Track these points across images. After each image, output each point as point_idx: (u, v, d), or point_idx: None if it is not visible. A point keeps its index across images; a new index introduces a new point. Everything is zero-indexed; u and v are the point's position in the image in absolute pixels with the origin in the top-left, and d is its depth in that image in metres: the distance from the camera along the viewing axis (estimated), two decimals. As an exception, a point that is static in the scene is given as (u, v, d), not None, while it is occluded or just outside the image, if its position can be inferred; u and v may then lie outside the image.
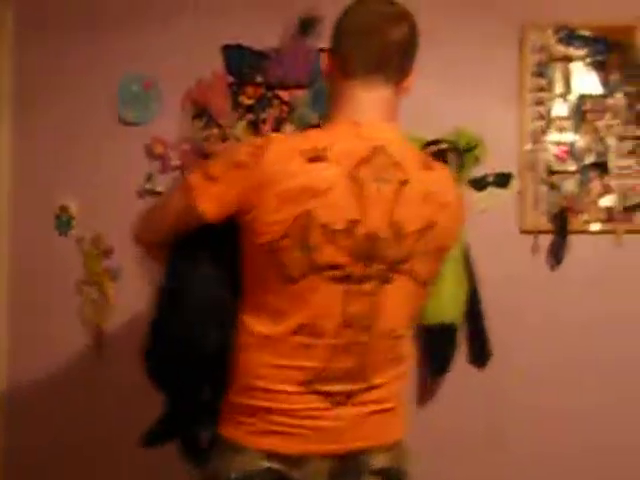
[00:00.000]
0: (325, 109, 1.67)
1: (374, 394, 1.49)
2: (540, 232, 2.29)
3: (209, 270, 1.56)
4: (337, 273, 1.41)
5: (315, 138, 1.46)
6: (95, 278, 2.50)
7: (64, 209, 2.55)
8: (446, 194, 1.51)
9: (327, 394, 1.48)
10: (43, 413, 2.55)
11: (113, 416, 2.40)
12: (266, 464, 1.50)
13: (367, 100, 1.53)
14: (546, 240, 2.29)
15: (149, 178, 2.37)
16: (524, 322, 2.30)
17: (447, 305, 2.24)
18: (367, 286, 1.43)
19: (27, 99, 2.60)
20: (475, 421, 2.31)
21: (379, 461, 1.52)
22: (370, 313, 1.45)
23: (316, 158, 1.42)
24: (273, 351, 1.50)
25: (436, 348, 2.32)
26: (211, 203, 1.46)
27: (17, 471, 2.56)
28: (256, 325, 1.51)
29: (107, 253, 2.47)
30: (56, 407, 2.54)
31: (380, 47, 1.52)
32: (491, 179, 2.33)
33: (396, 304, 1.47)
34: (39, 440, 2.54)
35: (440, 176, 1.54)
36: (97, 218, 2.50)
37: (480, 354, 2.31)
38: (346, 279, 1.43)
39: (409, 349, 1.57)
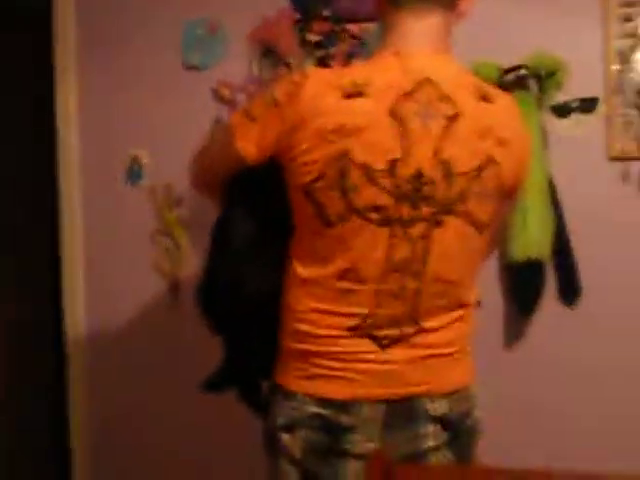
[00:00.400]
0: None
1: (428, 338, 1.47)
2: (631, 159, 2.22)
3: (258, 212, 1.55)
4: (380, 215, 1.37)
5: (355, 72, 1.42)
6: (168, 227, 2.54)
7: (135, 159, 2.58)
8: (507, 129, 1.44)
9: (375, 337, 1.46)
10: (121, 362, 2.63)
11: (189, 364, 2.43)
12: (314, 409, 1.50)
13: (415, 29, 1.47)
14: (637, 167, 2.23)
15: (217, 122, 2.38)
16: (615, 256, 2.24)
17: (533, 239, 2.21)
18: (415, 229, 1.38)
19: (91, 50, 2.64)
20: (566, 363, 2.29)
21: (438, 407, 1.50)
22: (419, 258, 1.40)
23: (354, 94, 1.37)
24: (317, 295, 1.49)
25: (523, 285, 2.29)
26: (250, 143, 1.44)
27: (96, 417, 2.68)
28: (300, 268, 1.50)
29: (178, 202, 2.50)
30: (133, 356, 2.62)
31: None
32: (576, 104, 2.29)
33: (450, 248, 1.42)
34: (116, 389, 2.64)
35: (501, 109, 1.47)
36: (168, 167, 2.52)
37: (570, 291, 2.27)
38: (391, 222, 1.38)
39: (471, 293, 1.53)
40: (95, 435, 2.67)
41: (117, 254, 2.62)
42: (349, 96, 1.35)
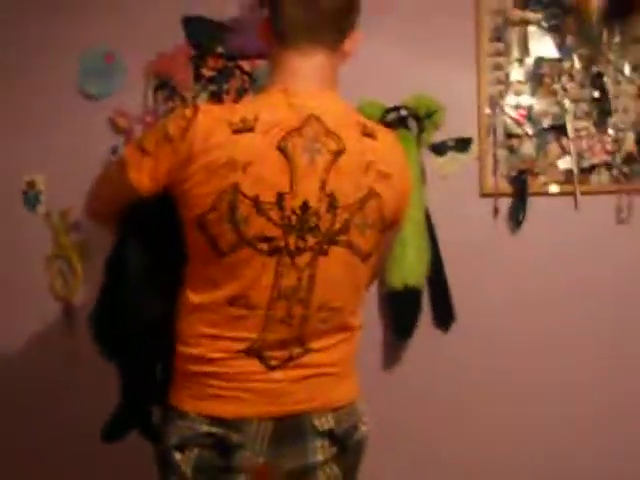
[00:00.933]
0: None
1: (313, 358, 1.51)
2: (500, 195, 2.30)
3: (151, 242, 1.58)
4: (269, 246, 1.42)
5: (244, 108, 1.46)
6: (64, 252, 2.54)
7: (31, 184, 2.58)
8: (389, 164, 1.49)
9: (263, 359, 1.51)
10: (16, 387, 2.64)
11: (83, 385, 2.47)
12: (205, 428, 1.54)
13: (302, 68, 1.51)
14: (506, 203, 2.31)
15: (114, 151, 2.40)
16: (486, 285, 2.33)
17: (410, 268, 2.28)
18: (301, 259, 1.43)
19: None
20: (439, 385, 2.37)
21: (325, 423, 1.54)
22: (305, 286, 1.45)
23: (243, 129, 1.41)
24: (208, 320, 1.52)
25: (400, 311, 2.35)
26: (143, 175, 1.47)
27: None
28: (192, 295, 1.53)
29: (75, 227, 2.51)
30: (28, 375, 2.63)
31: (313, 13, 1.50)
32: (451, 144, 2.35)
33: (334, 276, 1.46)
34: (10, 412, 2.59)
35: (384, 145, 1.52)
36: (64, 193, 2.52)
37: (444, 317, 2.35)
38: (279, 252, 1.42)
39: (355, 318, 1.58)
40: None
41: (13, 277, 2.62)
42: (238, 131, 1.38)
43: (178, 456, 1.54)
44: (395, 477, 2.20)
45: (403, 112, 2.33)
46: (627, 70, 2.19)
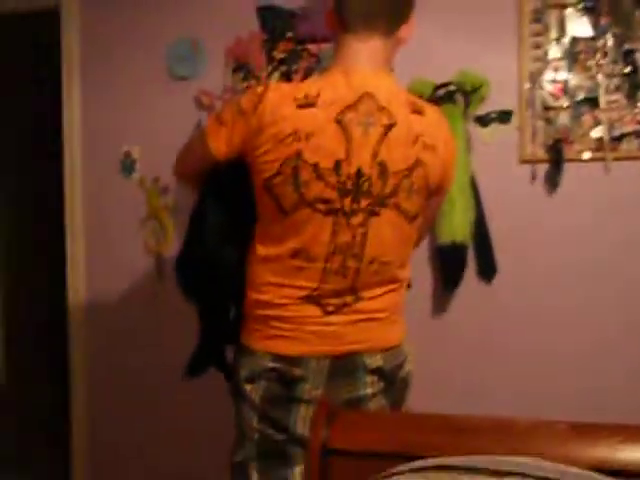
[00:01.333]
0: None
1: (364, 305, 1.63)
2: (538, 161, 2.40)
3: (227, 201, 1.72)
4: (326, 207, 1.53)
5: (308, 86, 1.57)
6: (156, 213, 2.76)
7: (127, 154, 2.81)
8: (434, 137, 1.59)
9: (320, 305, 1.62)
10: (114, 322, 2.95)
11: (171, 325, 2.71)
12: (270, 364, 1.65)
13: (361, 51, 1.61)
14: (543, 169, 2.42)
15: (198, 125, 2.58)
16: (525, 243, 2.45)
17: (457, 226, 2.40)
18: (355, 219, 1.55)
19: (93, 62, 2.89)
20: (482, 332, 2.53)
21: (374, 362, 1.66)
22: (359, 242, 1.56)
23: (307, 105, 1.52)
24: (274, 271, 1.64)
25: (448, 264, 2.48)
26: (220, 143, 1.60)
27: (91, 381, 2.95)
28: (261, 248, 1.64)
29: (164, 191, 2.73)
30: (125, 318, 2.92)
31: (372, 4, 1.62)
32: (494, 116, 2.46)
33: (384, 235, 1.58)
34: (110, 344, 2.92)
35: (430, 120, 1.60)
36: (156, 161, 2.74)
37: (487, 270, 2.48)
38: (335, 212, 1.53)
39: (403, 271, 1.70)
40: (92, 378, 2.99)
41: (112, 235, 2.87)
42: (302, 106, 1.49)
43: (248, 387, 1.67)
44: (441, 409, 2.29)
45: (451, 88, 2.44)
46: None
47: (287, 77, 2.57)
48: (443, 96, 2.45)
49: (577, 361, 2.39)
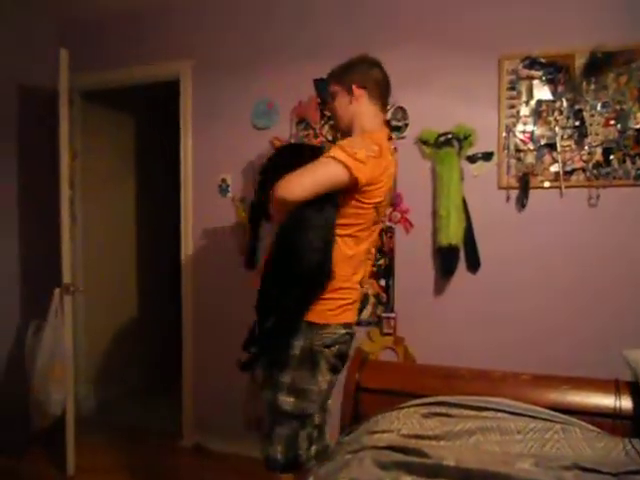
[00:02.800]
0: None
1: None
2: (511, 188, 2.63)
3: (323, 210, 1.71)
4: (376, 221, 1.85)
5: (385, 140, 1.87)
6: (243, 222, 3.02)
7: (223, 180, 3.11)
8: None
9: (362, 287, 1.88)
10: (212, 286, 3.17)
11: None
12: (343, 331, 1.74)
13: (379, 117, 1.92)
14: (514, 193, 2.61)
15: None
16: (501, 245, 2.65)
17: (453, 233, 2.60)
18: (378, 228, 1.90)
19: (201, 116, 3.16)
20: (469, 306, 2.68)
21: None
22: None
23: (382, 155, 1.77)
24: (352, 265, 1.75)
25: (446, 260, 2.68)
26: (363, 175, 1.67)
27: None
28: (347, 249, 1.72)
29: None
30: (220, 288, 3.13)
31: (387, 90, 1.93)
32: (480, 155, 2.67)
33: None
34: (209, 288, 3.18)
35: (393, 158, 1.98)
36: (242, 186, 3.05)
37: (473, 264, 2.69)
38: (376, 223, 1.85)
39: None
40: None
41: (213, 238, 3.14)
42: (388, 154, 1.84)
43: (327, 351, 1.70)
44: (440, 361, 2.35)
45: (449, 136, 2.68)
46: (598, 107, 2.52)
47: (334, 130, 2.78)
48: (444, 141, 2.67)
49: (537, 326, 2.57)
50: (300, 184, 1.66)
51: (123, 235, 4.24)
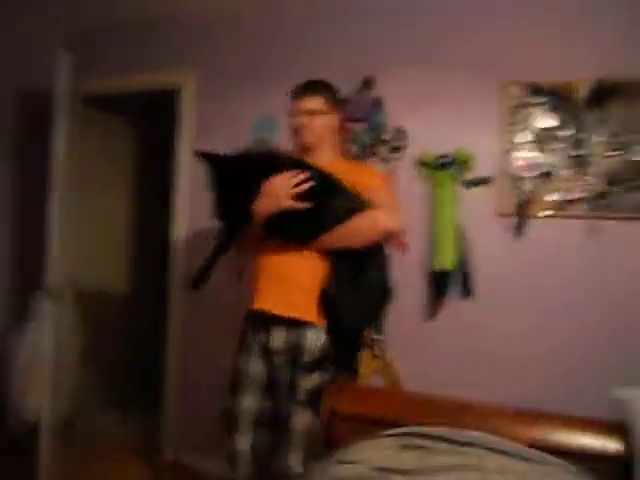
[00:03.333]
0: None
1: None
2: (508, 215, 2.56)
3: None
4: None
5: None
6: None
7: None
8: None
9: None
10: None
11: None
12: None
13: None
14: (513, 221, 2.53)
15: None
16: (497, 271, 2.58)
17: (447, 258, 2.55)
18: None
19: (202, 129, 3.14)
20: (462, 334, 2.61)
21: None
22: None
23: None
24: None
25: (438, 284, 2.63)
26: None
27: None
28: None
29: None
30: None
31: None
32: (478, 180, 2.60)
33: None
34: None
35: None
36: None
37: (467, 290, 2.61)
38: None
39: None
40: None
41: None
42: None
43: None
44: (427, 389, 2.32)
45: (448, 159, 2.62)
46: (600, 138, 2.45)
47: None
48: (442, 164, 2.62)
49: (527, 359, 2.50)
50: (397, 216, 1.91)
51: (116, 241, 4.21)
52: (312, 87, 2.01)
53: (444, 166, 2.58)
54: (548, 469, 1.30)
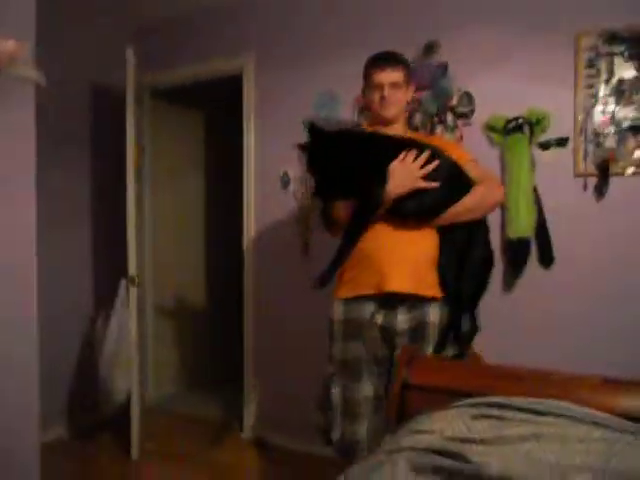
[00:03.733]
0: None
1: None
2: (589, 175, 2.40)
3: None
4: None
5: None
6: (303, 212, 2.99)
7: (285, 174, 3.08)
8: None
9: None
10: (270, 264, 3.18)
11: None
12: None
13: None
14: (592, 181, 2.39)
15: None
16: (578, 237, 2.44)
17: (523, 225, 2.44)
18: None
19: (264, 110, 3.15)
20: (540, 305, 2.47)
21: None
22: None
23: None
24: None
25: (516, 254, 2.49)
26: None
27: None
28: None
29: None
30: (278, 263, 3.13)
31: None
32: (554, 141, 2.46)
33: None
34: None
35: None
36: (304, 179, 2.96)
37: (546, 259, 2.48)
38: None
39: None
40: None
41: (274, 231, 3.12)
42: None
43: None
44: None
45: (520, 121, 2.49)
46: None
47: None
48: (513, 127, 2.50)
49: (613, 329, 2.35)
50: (501, 187, 2.04)
51: (191, 228, 4.32)
52: (393, 58, 1.98)
53: (516, 129, 2.44)
54: (639, 438, 1.19)
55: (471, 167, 1.96)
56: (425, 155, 1.84)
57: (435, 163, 1.83)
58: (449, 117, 2.65)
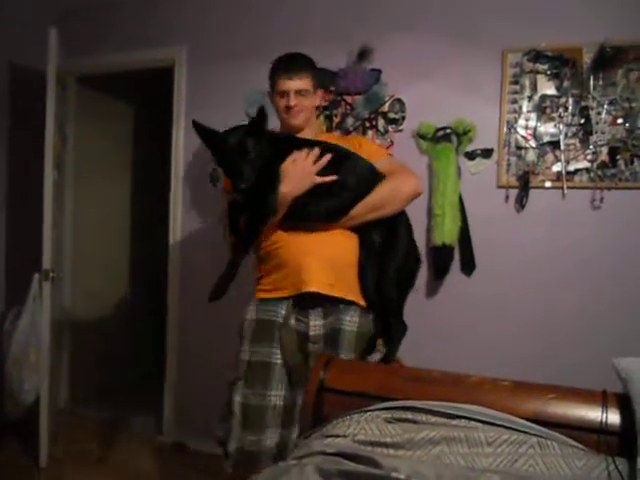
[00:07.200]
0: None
1: None
2: (510, 187, 2.49)
3: None
4: None
5: None
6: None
7: (215, 170, 2.99)
8: None
9: None
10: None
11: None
12: None
13: None
14: (514, 193, 2.48)
15: None
16: (498, 246, 2.51)
17: (447, 232, 2.47)
18: None
19: (194, 105, 3.09)
20: (462, 310, 2.54)
21: None
22: None
23: None
24: None
25: (439, 259, 2.54)
26: None
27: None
28: None
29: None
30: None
31: None
32: (479, 152, 2.54)
33: None
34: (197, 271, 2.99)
35: None
36: None
37: (468, 266, 2.55)
38: None
39: None
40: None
41: (202, 228, 3.08)
42: None
43: None
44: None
45: (448, 130, 2.55)
46: (606, 105, 2.39)
47: (330, 120, 2.73)
48: (442, 136, 2.57)
49: (530, 330, 2.44)
50: (417, 178, 1.87)
51: (115, 223, 4.17)
52: (298, 64, 1.88)
53: (444, 138, 2.49)
54: (545, 441, 1.23)
55: (384, 160, 1.88)
56: (316, 151, 1.75)
57: (328, 156, 1.73)
58: (380, 122, 2.67)
